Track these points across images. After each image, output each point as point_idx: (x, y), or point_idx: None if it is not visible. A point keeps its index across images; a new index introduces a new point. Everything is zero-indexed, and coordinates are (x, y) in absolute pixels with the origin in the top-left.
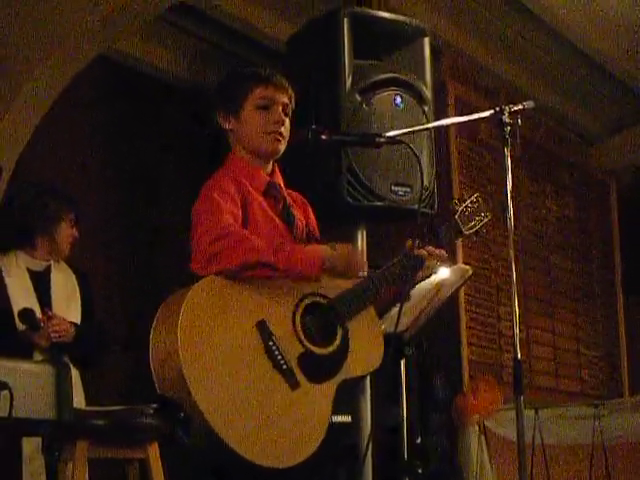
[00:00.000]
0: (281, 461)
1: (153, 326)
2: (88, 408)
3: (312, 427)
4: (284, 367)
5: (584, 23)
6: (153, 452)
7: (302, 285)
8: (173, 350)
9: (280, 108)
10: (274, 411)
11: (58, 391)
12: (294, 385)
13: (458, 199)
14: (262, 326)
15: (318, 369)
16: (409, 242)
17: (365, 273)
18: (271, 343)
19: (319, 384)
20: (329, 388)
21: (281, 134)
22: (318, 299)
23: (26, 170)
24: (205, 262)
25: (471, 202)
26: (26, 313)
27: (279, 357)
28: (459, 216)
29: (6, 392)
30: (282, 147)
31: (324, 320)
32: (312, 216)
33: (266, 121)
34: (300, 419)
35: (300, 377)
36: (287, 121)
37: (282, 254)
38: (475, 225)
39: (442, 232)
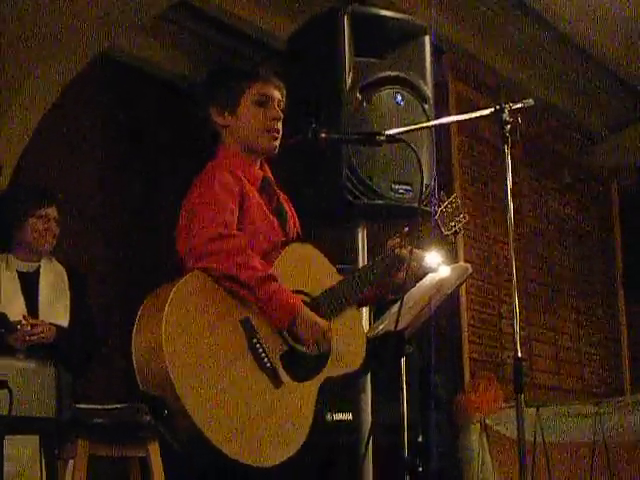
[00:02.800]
0: (265, 460)
1: (136, 321)
2: (89, 406)
3: (295, 426)
4: (267, 365)
5: (586, 21)
6: (153, 450)
7: (286, 282)
8: (157, 346)
9: (276, 104)
10: (257, 409)
11: (58, 389)
12: (277, 383)
13: (438, 199)
14: (246, 323)
15: (301, 367)
16: (390, 242)
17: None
18: (255, 341)
19: (302, 382)
20: (312, 386)
21: (278, 131)
22: (302, 297)
23: (28, 168)
24: (198, 256)
25: (449, 203)
26: None
27: (263, 355)
28: (439, 217)
29: (5, 390)
30: (278, 144)
31: None
32: (294, 214)
33: (264, 117)
34: (283, 417)
35: (283, 375)
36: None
37: (266, 288)
38: (455, 225)
39: (422, 233)
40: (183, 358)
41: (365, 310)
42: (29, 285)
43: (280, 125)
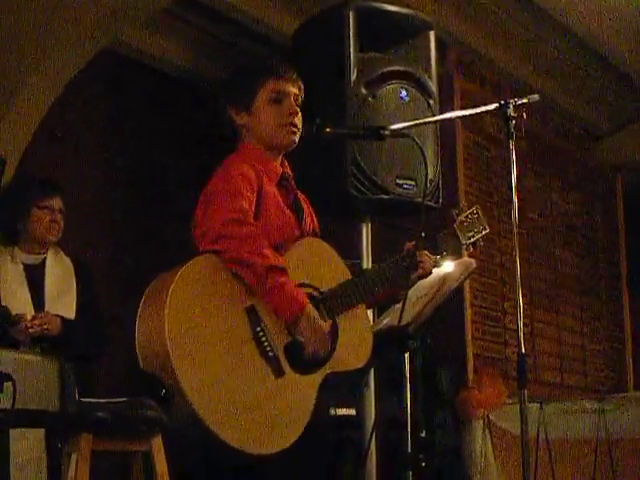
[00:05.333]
0: (260, 447)
1: (142, 300)
2: (92, 400)
3: (294, 417)
4: (270, 354)
5: (591, 18)
6: (157, 445)
7: (296, 275)
8: (160, 325)
9: (292, 99)
10: (257, 397)
11: (62, 383)
12: (279, 373)
13: (459, 209)
14: (251, 311)
15: (304, 360)
16: (407, 245)
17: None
18: (259, 329)
19: (304, 375)
20: (314, 379)
21: (295, 125)
22: (310, 291)
23: (31, 163)
24: (211, 239)
25: (471, 213)
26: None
27: (266, 344)
28: (458, 225)
29: (9, 384)
30: (297, 138)
31: None
32: (314, 214)
33: (280, 113)
34: (282, 408)
35: (285, 366)
36: (299, 112)
37: (275, 278)
38: (473, 236)
39: (439, 239)
40: (184, 340)
41: None
42: (35, 278)
43: (297, 119)
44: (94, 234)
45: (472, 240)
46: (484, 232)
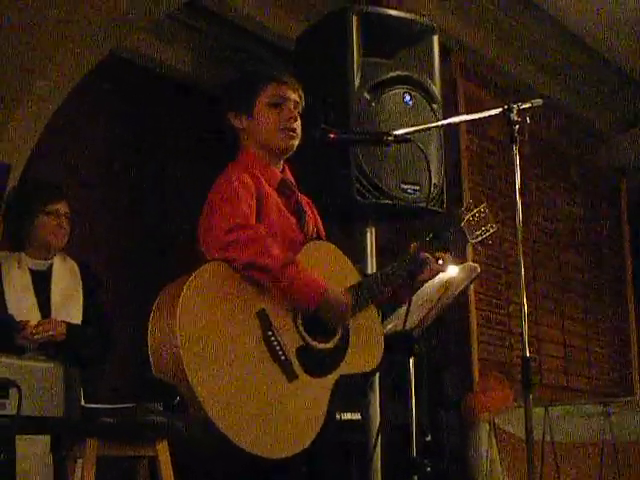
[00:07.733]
0: (275, 452)
1: (153, 308)
2: (97, 405)
3: (308, 420)
4: (282, 358)
5: (594, 20)
6: (162, 449)
7: None
8: (172, 332)
9: (292, 105)
10: (270, 401)
11: (67, 389)
12: (291, 377)
13: (466, 207)
14: (262, 315)
15: (316, 363)
16: (414, 245)
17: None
18: (270, 333)
19: (317, 378)
20: (327, 382)
21: (294, 130)
22: None
23: (36, 169)
24: (217, 249)
25: (478, 212)
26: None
27: (277, 348)
28: (465, 224)
29: (14, 390)
30: (296, 143)
31: None
32: (318, 217)
33: (280, 118)
34: (296, 411)
35: (298, 369)
36: (299, 118)
37: (290, 272)
38: (481, 234)
39: (448, 238)
40: (197, 347)
41: None
42: (41, 284)
43: (297, 125)
44: (99, 238)
45: (480, 238)
46: (492, 230)
